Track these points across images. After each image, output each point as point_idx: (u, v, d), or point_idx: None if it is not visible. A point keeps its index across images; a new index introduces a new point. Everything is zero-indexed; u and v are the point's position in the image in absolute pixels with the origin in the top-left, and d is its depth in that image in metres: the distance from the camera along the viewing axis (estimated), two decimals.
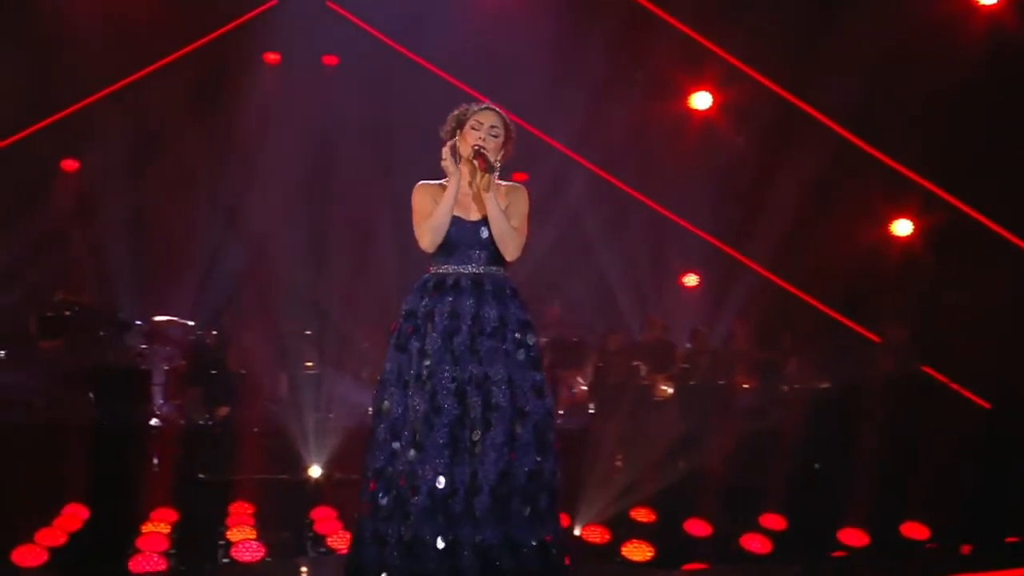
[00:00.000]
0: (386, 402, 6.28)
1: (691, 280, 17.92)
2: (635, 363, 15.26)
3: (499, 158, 6.41)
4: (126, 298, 15.85)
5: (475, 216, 6.40)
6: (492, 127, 6.41)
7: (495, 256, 6.37)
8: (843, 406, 13.44)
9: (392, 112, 16.45)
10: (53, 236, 15.94)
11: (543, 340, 15.57)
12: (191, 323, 15.49)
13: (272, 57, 16.94)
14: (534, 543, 6.16)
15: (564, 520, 11.44)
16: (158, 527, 10.97)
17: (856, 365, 14.75)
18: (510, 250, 6.35)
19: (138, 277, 16.13)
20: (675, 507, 12.14)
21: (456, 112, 6.50)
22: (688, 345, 15.84)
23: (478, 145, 6.34)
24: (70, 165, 16.73)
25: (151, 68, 16.02)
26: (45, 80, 15.46)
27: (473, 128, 6.40)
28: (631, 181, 16.61)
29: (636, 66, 16.66)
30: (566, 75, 16.05)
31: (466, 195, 6.44)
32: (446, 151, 6.39)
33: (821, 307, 15.92)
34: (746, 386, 14.97)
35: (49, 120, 15.77)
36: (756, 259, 16.19)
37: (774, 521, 11.90)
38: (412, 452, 6.14)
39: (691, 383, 14.63)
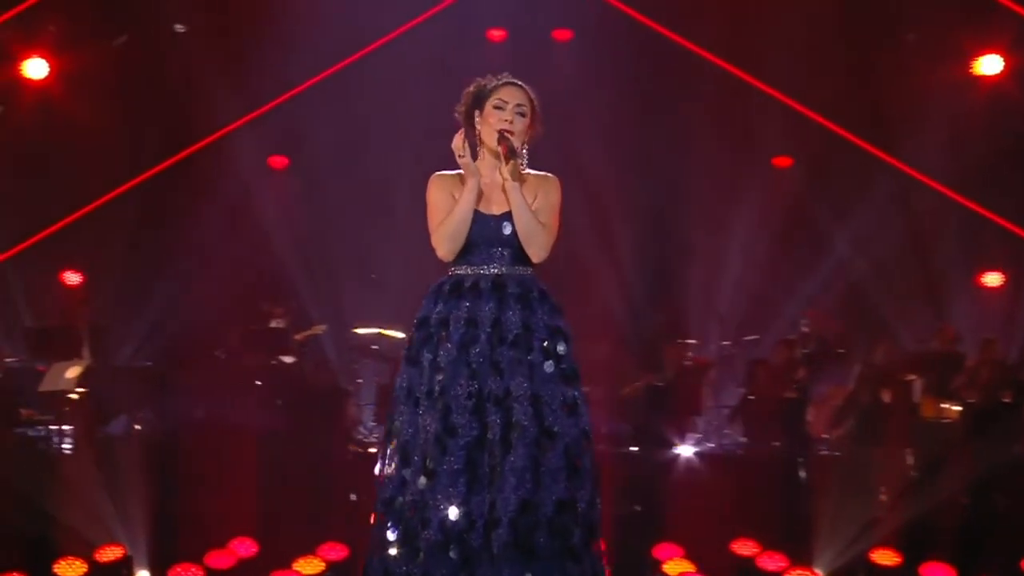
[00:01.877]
0: (396, 423, 6.20)
1: (993, 279, 17.11)
2: (909, 377, 14.74)
3: (525, 141, 6.25)
4: (325, 309, 16.25)
5: (497, 209, 6.23)
6: (518, 105, 6.23)
7: (520, 255, 6.20)
8: None
9: (632, 92, 16.38)
10: (253, 243, 16.41)
11: (801, 352, 15.29)
12: (401, 335, 15.72)
13: (496, 34, 17.09)
14: None
15: (782, 561, 11.38)
16: (309, 564, 11.19)
17: None
18: (535, 249, 6.18)
19: (338, 286, 16.52)
20: (925, 548, 11.73)
21: (472, 89, 6.33)
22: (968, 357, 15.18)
23: (503, 129, 6.18)
24: (278, 162, 17.24)
25: (362, 52, 16.30)
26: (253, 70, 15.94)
27: (496, 108, 6.23)
28: (907, 159, 16.00)
29: (908, 28, 16.13)
30: (825, 42, 15.65)
31: (487, 185, 6.27)
32: (458, 141, 6.20)
33: None
34: None
35: (257, 112, 16.23)
36: None
37: None
38: (422, 480, 6.05)
39: (970, 401, 14.06)
